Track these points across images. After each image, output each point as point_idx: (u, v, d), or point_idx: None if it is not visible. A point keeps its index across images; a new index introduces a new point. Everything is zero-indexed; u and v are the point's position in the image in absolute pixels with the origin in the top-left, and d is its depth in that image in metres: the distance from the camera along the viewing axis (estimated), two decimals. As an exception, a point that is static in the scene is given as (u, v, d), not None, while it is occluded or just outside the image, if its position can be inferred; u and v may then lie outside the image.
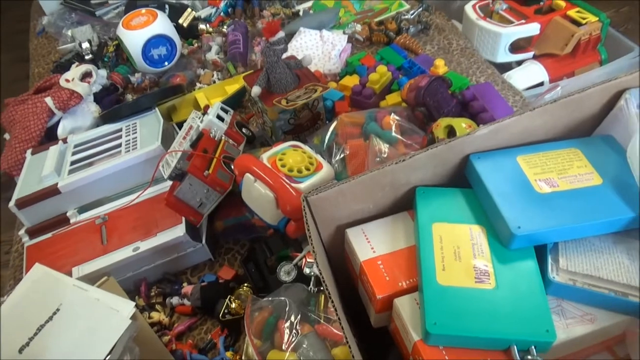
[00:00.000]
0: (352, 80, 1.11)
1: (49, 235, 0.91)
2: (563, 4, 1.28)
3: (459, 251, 0.50)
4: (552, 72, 1.24)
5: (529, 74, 1.25)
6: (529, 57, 1.30)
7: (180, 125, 1.07)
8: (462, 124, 0.83)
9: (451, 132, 0.85)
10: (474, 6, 1.35)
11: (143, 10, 1.24)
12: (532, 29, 1.26)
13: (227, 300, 0.80)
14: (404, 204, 0.58)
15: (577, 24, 1.23)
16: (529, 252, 0.49)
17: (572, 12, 1.24)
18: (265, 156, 0.81)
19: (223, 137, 0.93)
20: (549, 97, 0.84)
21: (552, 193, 0.51)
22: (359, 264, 0.53)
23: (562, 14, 1.26)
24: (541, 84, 1.25)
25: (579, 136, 0.57)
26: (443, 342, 0.44)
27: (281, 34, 0.92)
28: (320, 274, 0.46)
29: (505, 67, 1.32)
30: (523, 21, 1.27)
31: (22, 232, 0.92)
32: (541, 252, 0.50)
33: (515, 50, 1.31)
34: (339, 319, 0.43)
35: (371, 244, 0.55)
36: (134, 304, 0.70)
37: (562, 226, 0.47)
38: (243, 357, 0.74)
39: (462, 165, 0.57)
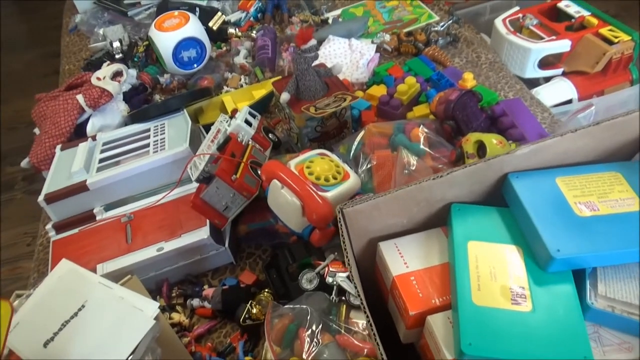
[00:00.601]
0: (379, 90, 1.10)
1: (75, 231, 0.92)
2: (595, 21, 1.27)
3: (495, 271, 0.50)
4: (581, 90, 1.23)
5: (557, 91, 1.24)
6: (558, 74, 1.29)
7: (206, 127, 1.07)
8: (492, 140, 0.82)
9: (481, 148, 0.84)
10: (504, 20, 1.35)
11: (176, 13, 1.26)
12: (562, 45, 1.25)
13: (248, 305, 0.80)
14: (438, 220, 0.58)
15: (609, 42, 1.22)
16: (566, 276, 0.48)
17: (604, 30, 1.23)
18: (293, 163, 0.81)
19: (250, 142, 0.93)
20: (583, 116, 0.83)
21: (593, 217, 0.50)
22: (392, 278, 0.53)
23: (594, 31, 1.25)
24: (569, 101, 1.24)
25: (620, 160, 0.56)
26: (477, 363, 0.44)
27: (313, 41, 0.92)
28: (356, 288, 0.46)
29: (533, 83, 1.31)
30: (554, 37, 1.27)
31: (49, 226, 0.93)
32: (579, 277, 0.49)
33: (544, 66, 1.30)
34: (374, 334, 0.43)
35: (404, 259, 0.54)
36: (157, 304, 0.71)
37: (603, 252, 0.47)
38: (262, 363, 0.74)
39: (499, 183, 0.57)
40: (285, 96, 0.94)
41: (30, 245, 1.95)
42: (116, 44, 1.37)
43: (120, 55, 1.36)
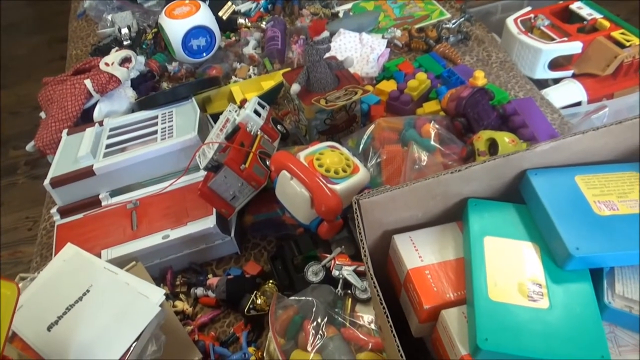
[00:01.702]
0: (388, 85, 1.10)
1: (80, 216, 0.91)
2: (607, 24, 1.26)
3: (512, 267, 0.49)
4: (591, 93, 1.23)
5: (567, 93, 1.23)
6: (568, 76, 1.28)
7: (214, 116, 1.07)
8: (505, 138, 0.82)
9: (493, 145, 0.83)
10: (515, 20, 1.34)
11: (186, 0, 1.25)
12: (573, 47, 1.25)
13: (253, 295, 0.80)
14: (453, 215, 0.57)
15: (621, 45, 1.21)
16: (584, 275, 0.48)
17: (616, 34, 1.23)
18: (303, 154, 0.81)
19: (259, 133, 0.92)
20: (596, 117, 0.83)
21: (612, 216, 0.49)
22: (406, 271, 0.52)
23: (606, 34, 1.24)
24: (579, 103, 1.23)
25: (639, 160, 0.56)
26: (492, 359, 0.43)
27: (326, 33, 0.92)
28: (372, 279, 0.46)
29: (542, 84, 1.31)
30: (565, 39, 1.26)
31: (54, 210, 0.92)
32: (596, 276, 0.48)
33: (554, 67, 1.29)
34: (390, 327, 0.43)
35: (419, 253, 0.54)
36: (163, 291, 0.70)
37: (622, 251, 0.46)
38: (265, 354, 0.73)
39: (516, 180, 0.56)
40: (295, 87, 0.93)
41: (31, 229, 1.94)
42: (124, 31, 1.36)
43: (129, 42, 1.35)
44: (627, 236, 0.47)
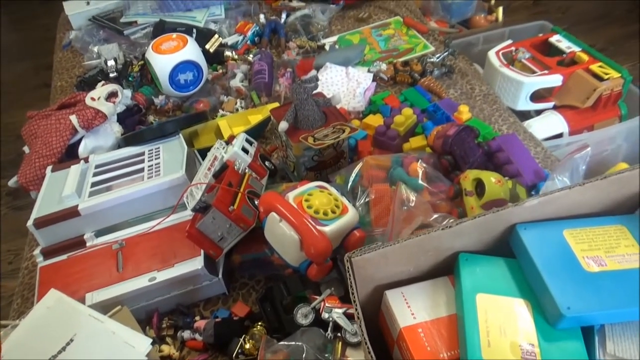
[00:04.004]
0: (375, 120, 1.11)
1: (64, 257, 0.89)
2: (586, 57, 1.29)
3: (504, 326, 0.49)
4: (572, 124, 1.25)
5: (549, 125, 1.25)
6: (549, 107, 1.31)
7: (201, 151, 1.06)
8: (491, 178, 0.83)
9: (479, 185, 0.84)
10: (497, 53, 1.37)
11: (174, 35, 1.25)
12: (554, 80, 1.27)
13: (241, 339, 0.79)
14: (444, 269, 0.58)
15: (599, 78, 1.24)
16: (576, 333, 0.48)
17: (595, 67, 1.26)
18: (292, 195, 0.81)
19: (247, 170, 0.92)
20: (579, 156, 0.84)
21: (601, 273, 0.50)
22: (399, 329, 0.52)
23: (585, 67, 1.27)
24: (560, 135, 1.26)
25: (625, 212, 0.57)
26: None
27: (313, 72, 0.92)
28: (366, 342, 0.45)
29: (524, 115, 1.33)
30: (546, 72, 1.29)
31: (36, 251, 0.90)
32: (587, 333, 0.49)
33: (535, 99, 1.32)
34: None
35: (411, 310, 0.54)
36: (150, 340, 0.69)
37: (612, 310, 0.47)
38: (254, 400, 0.72)
39: (506, 233, 0.57)
40: (283, 125, 0.94)
41: (12, 263, 1.89)
42: (111, 63, 1.35)
43: (115, 74, 1.34)
44: (616, 294, 0.48)
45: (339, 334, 0.76)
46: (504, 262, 0.56)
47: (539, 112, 1.34)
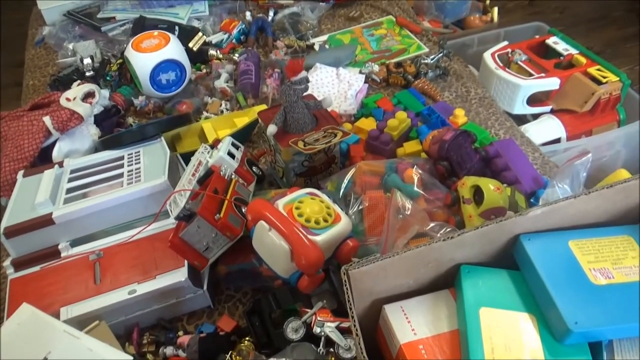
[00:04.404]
0: (367, 123, 1.07)
1: (36, 268, 0.84)
2: (584, 60, 1.27)
3: (509, 343, 0.47)
4: (569, 129, 1.23)
5: (546, 129, 1.23)
6: (547, 111, 1.28)
7: (184, 155, 1.01)
8: (490, 186, 0.79)
9: (477, 192, 0.81)
10: (492, 54, 1.34)
11: (155, 33, 1.19)
12: (551, 83, 1.25)
13: (228, 356, 0.74)
14: (445, 281, 0.55)
15: (598, 82, 1.22)
16: (583, 349, 0.46)
17: (593, 70, 1.24)
18: (281, 203, 0.77)
19: (234, 176, 0.87)
20: (579, 163, 0.81)
21: (608, 285, 0.48)
22: (399, 346, 0.50)
23: (583, 70, 1.25)
24: (558, 140, 1.23)
25: (631, 222, 0.55)
26: None
27: (304, 73, 0.88)
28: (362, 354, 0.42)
29: (520, 119, 1.31)
30: (543, 75, 1.26)
31: (7, 263, 0.84)
32: (595, 349, 0.47)
33: (532, 102, 1.29)
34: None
35: (412, 325, 0.51)
36: (130, 357, 0.66)
37: (620, 324, 0.45)
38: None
39: (509, 244, 0.55)
40: (272, 129, 0.89)
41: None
42: (87, 61, 1.29)
43: (91, 72, 1.28)
44: (624, 307, 0.46)
45: (331, 349, 0.72)
46: (507, 274, 0.54)
47: (535, 117, 1.32)
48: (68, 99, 1.05)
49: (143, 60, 1.16)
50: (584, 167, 0.83)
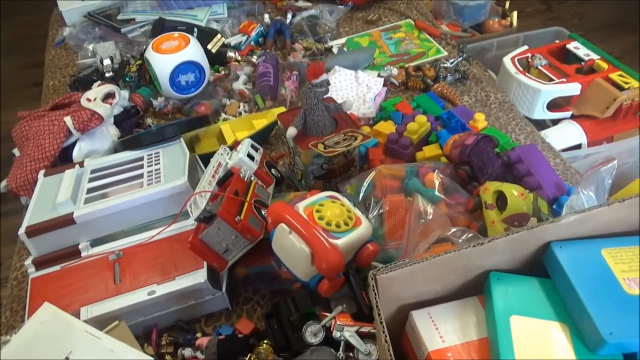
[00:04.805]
0: (386, 127, 1.06)
1: (57, 267, 0.84)
2: (605, 65, 1.25)
3: (541, 352, 0.46)
4: (590, 135, 1.21)
5: (567, 135, 1.21)
6: (567, 117, 1.27)
7: (203, 157, 1.01)
8: (513, 192, 0.78)
9: (500, 198, 0.80)
10: (512, 59, 1.33)
11: (175, 34, 1.20)
12: (572, 88, 1.23)
13: (247, 358, 0.74)
14: (473, 288, 0.54)
15: (620, 87, 1.20)
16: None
17: (614, 76, 1.22)
18: (302, 206, 0.76)
19: (253, 178, 0.87)
20: (605, 170, 0.80)
21: (643, 295, 0.47)
22: (427, 353, 0.49)
23: (604, 76, 1.24)
24: (579, 145, 1.21)
25: None
26: None
27: (325, 76, 0.88)
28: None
29: (540, 124, 1.29)
30: (564, 80, 1.25)
31: (28, 262, 0.85)
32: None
33: (552, 108, 1.27)
34: None
35: (440, 332, 0.50)
36: (150, 358, 0.65)
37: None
38: None
39: (539, 252, 0.54)
40: (292, 131, 0.89)
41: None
42: (107, 62, 1.30)
43: (111, 73, 1.29)
44: None
45: (351, 354, 0.71)
46: (538, 282, 0.53)
47: (555, 122, 1.30)
48: (89, 100, 1.06)
49: (163, 61, 1.16)
50: (609, 174, 0.81)
